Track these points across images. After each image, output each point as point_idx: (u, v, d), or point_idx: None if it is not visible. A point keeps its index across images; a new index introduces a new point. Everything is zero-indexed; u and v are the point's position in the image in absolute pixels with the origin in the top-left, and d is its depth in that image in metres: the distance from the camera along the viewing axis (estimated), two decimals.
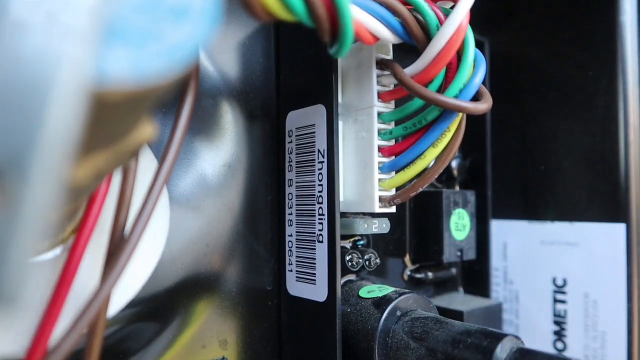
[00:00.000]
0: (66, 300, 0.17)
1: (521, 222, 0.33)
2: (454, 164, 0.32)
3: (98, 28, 0.08)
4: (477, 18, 0.34)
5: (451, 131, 0.23)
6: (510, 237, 0.33)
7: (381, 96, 0.24)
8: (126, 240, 0.17)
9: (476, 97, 0.23)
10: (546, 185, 0.32)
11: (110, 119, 0.10)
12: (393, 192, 0.25)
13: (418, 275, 0.30)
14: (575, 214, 0.30)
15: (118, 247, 0.17)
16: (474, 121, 0.30)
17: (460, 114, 0.23)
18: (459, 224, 0.30)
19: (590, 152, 0.30)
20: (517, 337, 0.21)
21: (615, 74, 0.29)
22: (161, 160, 0.17)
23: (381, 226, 0.26)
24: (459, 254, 0.30)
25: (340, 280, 0.24)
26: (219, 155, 0.26)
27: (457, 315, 0.28)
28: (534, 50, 0.33)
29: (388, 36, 0.22)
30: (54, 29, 0.07)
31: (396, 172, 0.24)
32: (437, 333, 0.22)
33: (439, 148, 0.23)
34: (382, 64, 0.24)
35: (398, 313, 0.24)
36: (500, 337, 0.20)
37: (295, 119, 0.26)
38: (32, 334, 0.16)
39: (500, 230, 0.34)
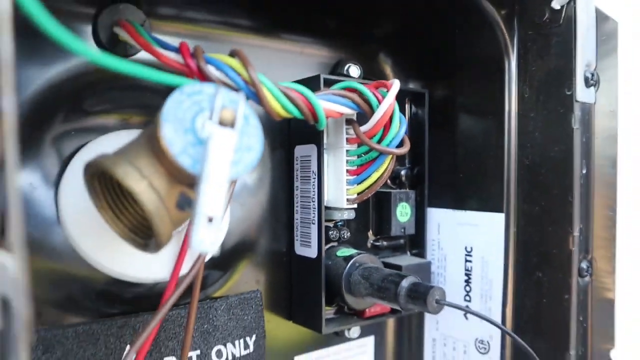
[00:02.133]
0: (186, 254, 0.35)
1: (448, 210, 0.50)
2: (403, 172, 0.50)
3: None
4: (421, 76, 0.51)
5: (386, 163, 0.41)
6: (442, 220, 0.50)
7: (349, 140, 0.42)
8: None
9: (401, 144, 0.40)
10: (464, 186, 0.49)
11: None
12: (355, 196, 0.42)
13: (377, 244, 0.48)
14: (478, 206, 0.48)
15: None
16: (417, 144, 0.47)
17: (391, 155, 0.40)
18: (403, 212, 0.47)
19: (488, 167, 0.47)
20: (416, 277, 0.39)
21: (503, 120, 0.46)
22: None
23: (350, 214, 0.44)
24: (402, 230, 0.48)
25: (324, 246, 0.42)
26: (254, 172, 0.44)
27: (398, 267, 0.46)
28: (460, 96, 0.50)
29: (348, 112, 0.39)
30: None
31: (357, 185, 0.42)
32: (375, 275, 0.40)
33: (379, 172, 0.41)
34: (349, 122, 0.42)
35: (357, 264, 0.42)
36: (406, 276, 0.38)
37: (299, 151, 0.44)
38: (172, 268, 0.35)
39: (436, 215, 0.51)
